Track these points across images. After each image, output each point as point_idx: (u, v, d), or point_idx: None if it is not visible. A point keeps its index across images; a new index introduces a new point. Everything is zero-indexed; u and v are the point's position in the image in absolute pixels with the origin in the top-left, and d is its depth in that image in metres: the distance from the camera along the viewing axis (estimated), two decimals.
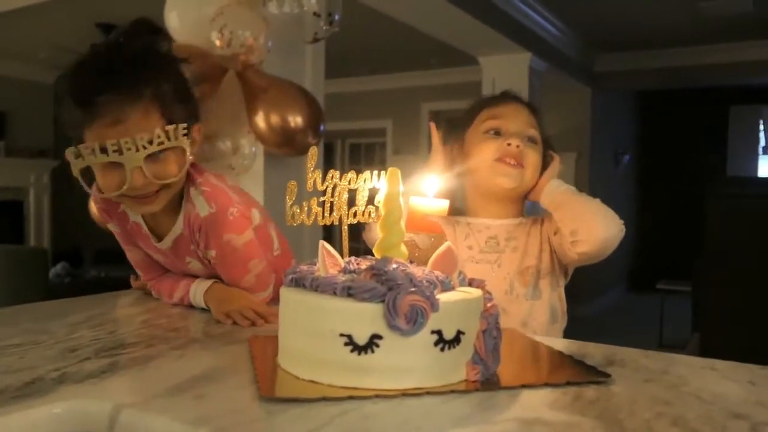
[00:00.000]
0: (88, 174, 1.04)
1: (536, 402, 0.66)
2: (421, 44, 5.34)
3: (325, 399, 0.65)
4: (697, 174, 7.53)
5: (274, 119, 2.13)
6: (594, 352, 0.87)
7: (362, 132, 8.05)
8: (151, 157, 1.01)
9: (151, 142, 1.00)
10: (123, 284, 1.39)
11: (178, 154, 1.06)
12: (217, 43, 1.98)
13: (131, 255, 1.29)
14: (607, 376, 0.74)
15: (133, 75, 1.02)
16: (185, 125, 1.04)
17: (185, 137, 1.05)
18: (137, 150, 0.99)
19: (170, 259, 1.22)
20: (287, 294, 0.75)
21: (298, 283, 0.74)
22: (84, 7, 4.63)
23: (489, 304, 0.76)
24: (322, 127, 2.36)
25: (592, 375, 0.74)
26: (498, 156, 1.24)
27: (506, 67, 4.88)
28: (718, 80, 6.31)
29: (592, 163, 6.41)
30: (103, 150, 0.98)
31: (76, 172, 1.00)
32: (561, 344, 0.92)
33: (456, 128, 1.35)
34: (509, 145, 1.23)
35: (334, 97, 5.52)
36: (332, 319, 0.68)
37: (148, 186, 1.03)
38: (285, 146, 2.22)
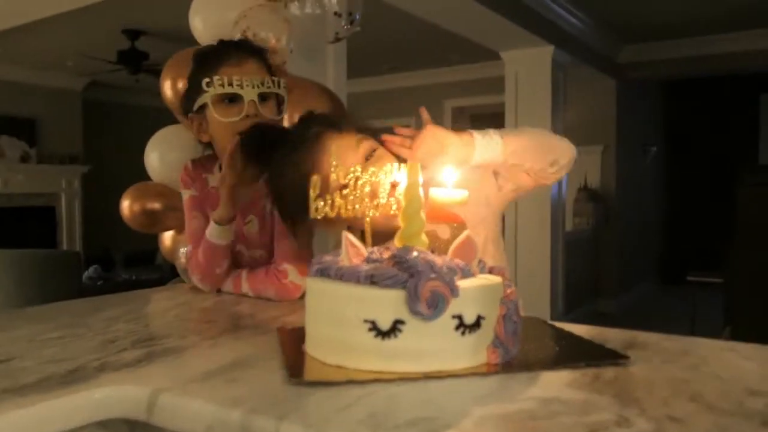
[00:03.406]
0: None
1: (555, 382, 0.69)
2: (442, 41, 5.34)
3: (351, 381, 0.68)
4: (728, 163, 7.41)
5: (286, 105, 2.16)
6: (615, 336, 0.89)
7: (385, 131, 8.06)
8: (260, 97, 1.27)
9: (263, 84, 1.27)
10: (154, 286, 1.44)
11: (275, 104, 1.33)
12: None
13: (192, 223, 1.39)
14: (626, 357, 0.76)
15: (248, 44, 1.39)
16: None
17: (284, 89, 1.33)
18: (253, 87, 1.26)
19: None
20: (313, 284, 0.78)
21: (323, 273, 0.77)
22: (110, 14, 4.72)
23: (509, 290, 0.78)
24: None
25: (611, 356, 0.76)
26: None
27: (529, 61, 4.86)
28: (747, 67, 6.19)
29: (619, 155, 6.34)
30: (230, 83, 1.24)
31: (208, 99, 1.25)
32: (581, 329, 0.93)
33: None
34: None
35: (356, 96, 5.56)
36: (356, 306, 0.71)
37: (257, 120, 1.26)
38: None
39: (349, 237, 0.79)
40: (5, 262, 4.08)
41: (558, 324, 0.95)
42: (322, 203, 0.83)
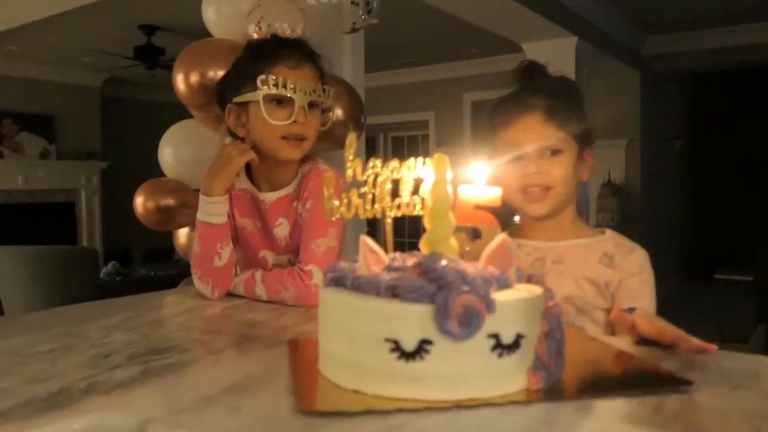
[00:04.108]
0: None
1: (609, 414, 0.58)
2: (462, 33, 5.22)
3: (370, 412, 0.58)
4: (756, 157, 7.20)
5: (333, 116, 2.09)
6: (668, 355, 0.78)
7: (404, 125, 7.97)
8: (309, 105, 1.23)
9: (314, 91, 1.23)
10: (171, 282, 1.36)
11: (319, 114, 1.29)
12: (254, 36, 1.94)
13: None
14: (689, 383, 0.65)
15: (307, 46, 1.30)
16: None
17: (332, 99, 1.30)
18: (305, 93, 1.21)
19: (258, 226, 1.31)
20: (327, 295, 0.68)
21: (339, 282, 0.68)
22: (126, 9, 4.68)
23: (551, 303, 0.68)
24: (362, 119, 2.30)
25: (671, 382, 0.66)
26: (521, 185, 1.12)
27: (551, 53, 4.70)
28: None
29: (644, 148, 6.17)
30: (284, 86, 1.19)
31: (259, 96, 1.20)
32: (627, 344, 0.83)
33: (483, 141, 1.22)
34: (527, 173, 1.10)
35: (375, 90, 5.47)
36: (376, 322, 0.61)
37: (305, 127, 1.23)
38: (325, 140, 2.16)
39: (367, 241, 0.69)
40: (24, 258, 4.07)
41: (603, 338, 0.85)
42: (336, 203, 0.73)
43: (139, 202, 2.48)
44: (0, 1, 4.03)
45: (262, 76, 1.19)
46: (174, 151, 2.43)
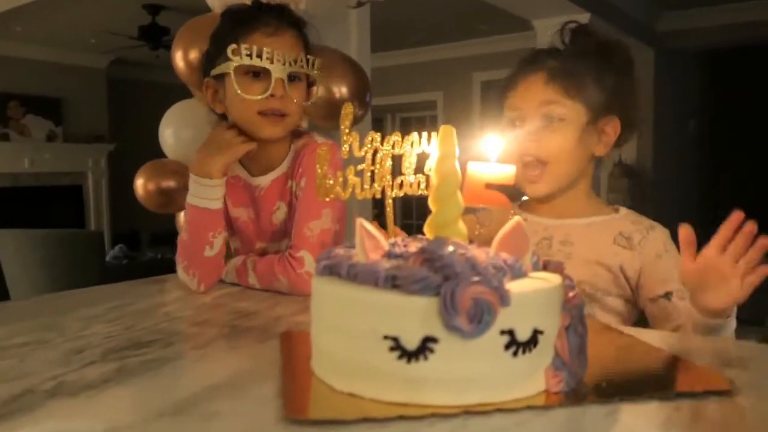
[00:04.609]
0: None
1: (642, 421, 0.51)
2: (471, 10, 5.09)
3: (366, 420, 0.51)
4: None
5: (318, 90, 2.01)
6: (701, 347, 0.71)
7: (412, 105, 7.85)
8: (289, 77, 1.11)
9: (295, 62, 1.11)
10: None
11: (304, 87, 1.17)
12: None
13: None
14: (730, 383, 0.57)
15: (289, 11, 1.18)
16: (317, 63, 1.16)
17: (317, 70, 1.16)
18: (284, 64, 1.09)
19: (252, 216, 1.22)
20: (319, 285, 0.61)
21: (333, 271, 0.60)
22: None
23: (571, 293, 0.60)
24: (368, 97, 2.21)
25: (710, 382, 0.58)
26: (518, 156, 1.02)
27: None
28: None
29: (656, 128, 6.03)
30: (258, 55, 1.07)
31: (231, 68, 1.08)
32: (657, 337, 0.75)
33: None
34: (522, 142, 1.02)
35: (382, 70, 5.35)
36: (374, 317, 0.54)
37: (284, 101, 1.12)
38: (330, 118, 2.08)
39: (364, 224, 0.61)
40: (29, 242, 4.04)
41: (629, 330, 0.77)
42: (330, 181, 0.65)
43: (140, 184, 2.41)
44: None
45: (233, 46, 1.07)
46: (174, 132, 2.36)
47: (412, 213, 5.77)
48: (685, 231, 0.80)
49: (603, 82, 1.03)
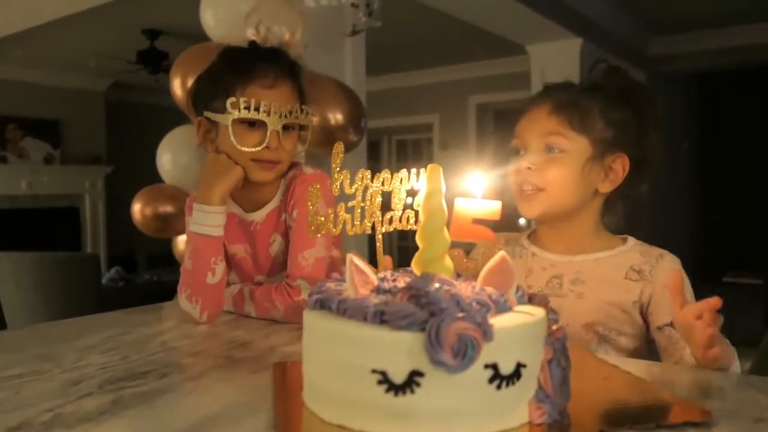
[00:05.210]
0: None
1: None
2: (466, 35, 5.16)
3: None
4: (765, 159, 7.09)
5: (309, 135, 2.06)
6: (682, 378, 0.73)
7: (409, 128, 7.90)
8: (283, 127, 1.14)
9: (291, 113, 1.14)
10: (173, 288, 1.28)
11: (297, 134, 1.20)
12: (254, 39, 1.89)
13: None
14: (707, 414, 0.59)
15: (286, 60, 1.20)
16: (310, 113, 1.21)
17: (309, 119, 1.21)
18: (280, 116, 1.12)
19: (249, 251, 1.24)
20: (311, 319, 0.63)
21: (324, 305, 0.62)
22: (128, 14, 4.64)
23: (554, 327, 0.62)
24: (363, 123, 2.25)
25: (689, 413, 0.60)
26: (517, 184, 1.04)
27: (556, 55, 4.65)
28: None
29: None
30: (256, 108, 1.10)
31: (228, 120, 1.10)
32: (640, 368, 0.77)
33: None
34: (521, 168, 1.03)
35: (378, 93, 5.41)
36: (362, 351, 0.56)
37: (278, 151, 1.15)
38: (325, 145, 2.11)
39: (354, 260, 0.63)
40: (25, 264, 4.04)
41: (609, 359, 0.79)
42: (321, 218, 0.68)
43: (137, 209, 2.43)
44: (3, 6, 4.01)
45: (232, 99, 1.09)
46: (173, 157, 2.38)
47: (407, 234, 5.86)
48: (674, 279, 0.80)
49: (610, 117, 1.03)
